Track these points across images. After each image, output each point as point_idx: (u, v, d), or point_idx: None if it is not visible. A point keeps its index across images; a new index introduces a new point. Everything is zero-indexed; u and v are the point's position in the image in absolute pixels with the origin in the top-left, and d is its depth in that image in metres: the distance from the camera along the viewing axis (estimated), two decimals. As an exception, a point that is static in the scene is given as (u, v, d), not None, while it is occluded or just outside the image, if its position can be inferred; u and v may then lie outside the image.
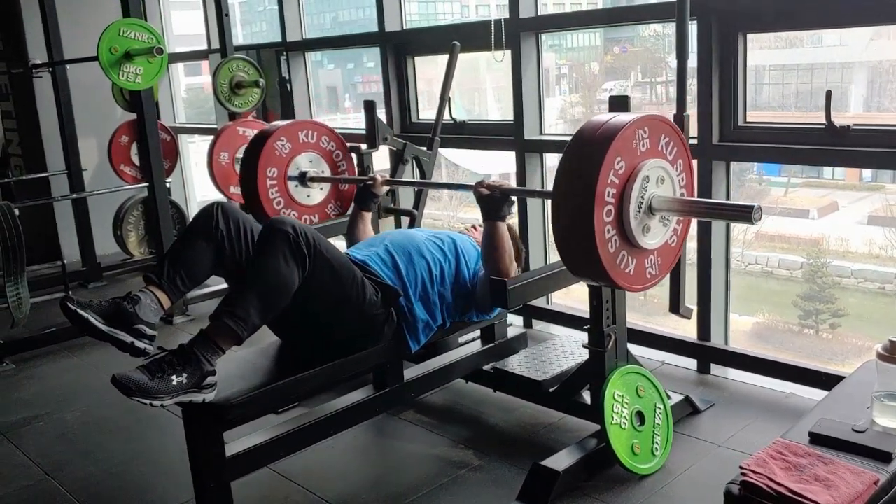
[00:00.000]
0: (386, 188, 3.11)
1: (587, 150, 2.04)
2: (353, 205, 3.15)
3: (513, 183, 3.77)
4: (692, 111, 2.87)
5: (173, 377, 2.00)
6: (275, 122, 3.56)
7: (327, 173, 3.45)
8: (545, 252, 3.82)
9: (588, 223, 1.99)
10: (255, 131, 4.37)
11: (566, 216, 2.06)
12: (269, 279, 2.14)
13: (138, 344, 2.11)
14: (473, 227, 2.99)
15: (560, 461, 2.39)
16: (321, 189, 3.44)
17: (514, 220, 3.22)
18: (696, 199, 2.31)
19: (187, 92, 6.70)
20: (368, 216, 3.08)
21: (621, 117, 2.07)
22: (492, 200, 2.48)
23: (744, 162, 3.47)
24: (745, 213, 2.03)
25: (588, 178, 1.99)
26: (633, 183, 2.05)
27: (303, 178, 3.36)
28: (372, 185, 3.04)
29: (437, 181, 2.74)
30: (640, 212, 2.09)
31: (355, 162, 3.50)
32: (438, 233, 2.79)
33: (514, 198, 2.54)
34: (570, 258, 2.13)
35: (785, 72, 3.66)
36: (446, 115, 3.60)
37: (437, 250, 2.67)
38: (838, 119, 2.70)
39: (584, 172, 2.01)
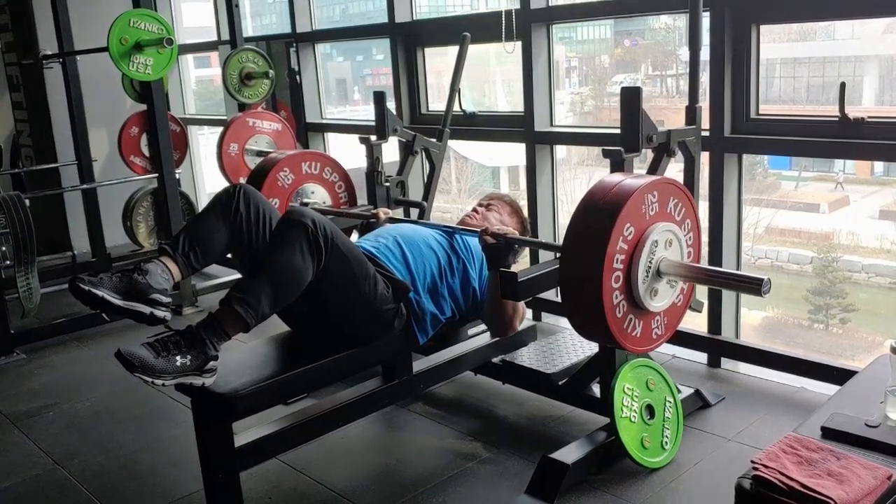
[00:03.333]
0: (389, 225, 3.07)
1: (596, 217, 2.03)
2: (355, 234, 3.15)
3: (522, 176, 3.76)
4: (704, 103, 2.85)
5: (178, 358, 2.00)
6: (279, 152, 3.55)
7: (329, 205, 3.44)
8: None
9: (596, 289, 1.99)
10: (265, 122, 4.39)
11: (574, 280, 2.07)
12: (282, 270, 2.13)
13: (157, 313, 2.09)
14: (474, 210, 2.96)
15: (569, 454, 2.39)
16: None
17: (522, 203, 3.20)
18: (706, 266, 2.29)
19: (197, 84, 6.70)
20: None
21: (631, 182, 2.07)
22: (496, 250, 2.46)
23: (756, 154, 3.46)
24: (755, 285, 2.00)
25: (597, 246, 1.99)
26: (641, 248, 2.05)
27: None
28: (375, 221, 3.02)
29: (442, 224, 2.75)
30: (648, 276, 2.08)
31: (364, 154, 3.50)
32: (446, 230, 2.78)
33: (518, 247, 2.53)
34: (578, 321, 2.14)
35: (797, 65, 3.63)
36: (456, 107, 3.59)
37: (446, 244, 2.66)
38: (850, 113, 2.68)
39: (593, 239, 2.01)
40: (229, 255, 2.45)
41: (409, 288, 2.48)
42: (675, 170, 2.80)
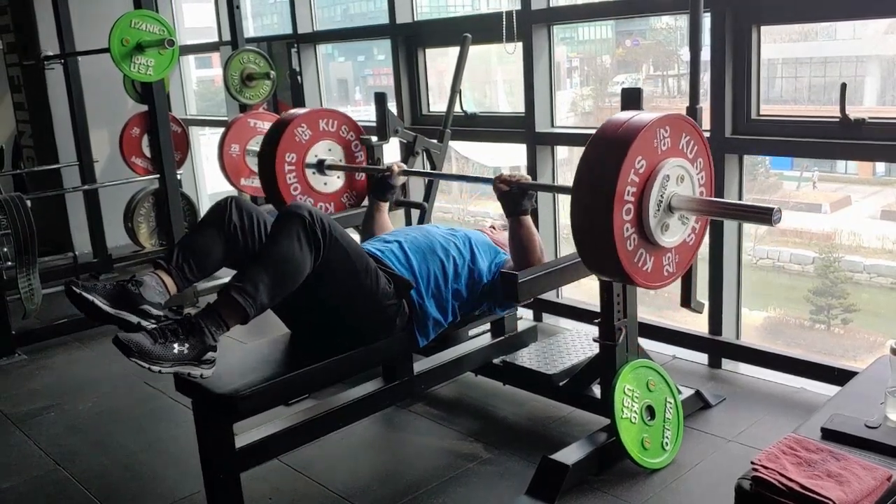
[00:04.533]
0: (403, 179, 3.08)
1: (608, 149, 2.03)
2: (369, 196, 3.14)
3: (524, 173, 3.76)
4: (705, 104, 2.85)
5: (175, 345, 1.99)
6: (296, 109, 3.55)
7: (345, 163, 3.45)
8: (555, 245, 3.81)
9: (607, 221, 1.99)
10: (266, 123, 4.39)
11: (585, 214, 2.06)
12: (281, 259, 2.13)
13: (145, 324, 2.08)
14: (492, 227, 2.98)
15: (570, 455, 2.39)
16: (338, 178, 3.44)
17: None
18: (715, 199, 2.29)
19: (199, 85, 6.71)
20: (385, 207, 3.07)
21: (642, 116, 2.06)
22: (511, 196, 2.47)
23: (757, 155, 3.45)
24: (765, 215, 2.01)
25: (608, 177, 1.98)
26: (653, 182, 2.05)
27: (320, 166, 3.36)
28: (389, 175, 3.03)
29: (454, 173, 2.77)
30: (659, 210, 2.08)
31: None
32: (453, 229, 2.78)
33: (532, 191, 2.52)
34: (588, 255, 2.13)
35: (798, 65, 3.62)
36: (457, 108, 3.59)
37: (453, 247, 2.65)
38: (852, 113, 2.68)
39: (604, 171, 2.00)
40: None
41: (411, 284, 2.47)
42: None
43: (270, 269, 2.13)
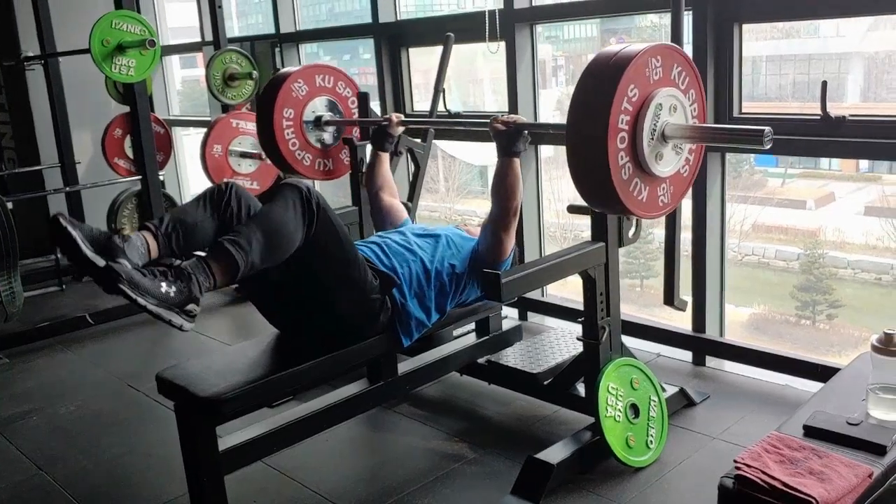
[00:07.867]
0: (401, 128, 3.12)
1: (601, 79, 2.02)
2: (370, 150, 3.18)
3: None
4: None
5: (163, 284, 1.96)
6: (292, 67, 3.56)
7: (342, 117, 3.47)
8: (540, 244, 3.81)
9: (602, 150, 1.99)
10: (249, 123, 4.37)
11: (580, 144, 2.06)
12: (275, 221, 2.14)
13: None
14: (467, 228, 2.97)
15: (554, 454, 2.39)
16: (336, 134, 3.44)
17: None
18: (707, 125, 2.29)
19: (183, 85, 6.67)
20: (386, 157, 3.11)
21: (634, 46, 2.06)
22: (506, 136, 2.48)
23: (739, 153, 3.46)
24: (756, 137, 2.02)
25: (602, 106, 1.99)
26: (646, 110, 2.05)
27: (318, 122, 3.37)
28: (387, 125, 3.07)
29: (452, 118, 2.92)
30: (653, 139, 2.09)
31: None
32: (426, 228, 2.78)
33: (527, 133, 2.52)
34: (584, 186, 2.13)
35: (781, 62, 3.64)
36: (441, 107, 3.58)
37: (431, 247, 2.64)
38: (835, 110, 2.68)
39: (598, 100, 2.00)
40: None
41: (395, 281, 2.47)
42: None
43: (264, 228, 2.13)
